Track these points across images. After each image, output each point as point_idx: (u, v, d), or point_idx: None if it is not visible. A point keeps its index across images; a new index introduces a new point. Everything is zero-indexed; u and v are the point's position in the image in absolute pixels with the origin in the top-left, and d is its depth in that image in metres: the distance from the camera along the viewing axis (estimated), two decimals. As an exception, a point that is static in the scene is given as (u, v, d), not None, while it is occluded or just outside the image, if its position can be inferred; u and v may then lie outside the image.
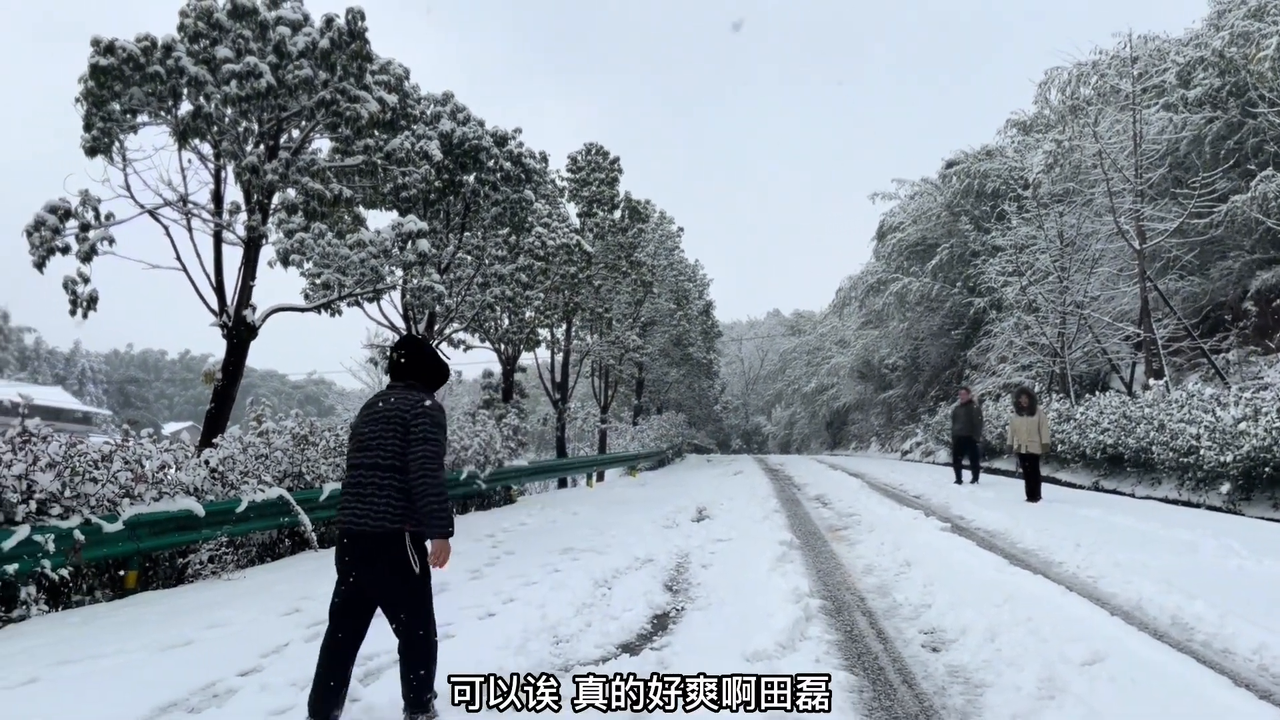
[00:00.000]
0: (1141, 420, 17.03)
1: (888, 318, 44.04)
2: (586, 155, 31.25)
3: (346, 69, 12.62)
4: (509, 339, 22.88)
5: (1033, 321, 26.47)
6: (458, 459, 15.72)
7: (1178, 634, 6.04)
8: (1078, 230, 24.56)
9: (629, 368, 38.96)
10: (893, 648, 5.93)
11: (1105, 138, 23.29)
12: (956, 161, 38.68)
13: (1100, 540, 9.53)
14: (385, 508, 4.36)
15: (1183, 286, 25.89)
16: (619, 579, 8.58)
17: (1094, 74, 28.26)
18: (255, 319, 13.15)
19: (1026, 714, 4.49)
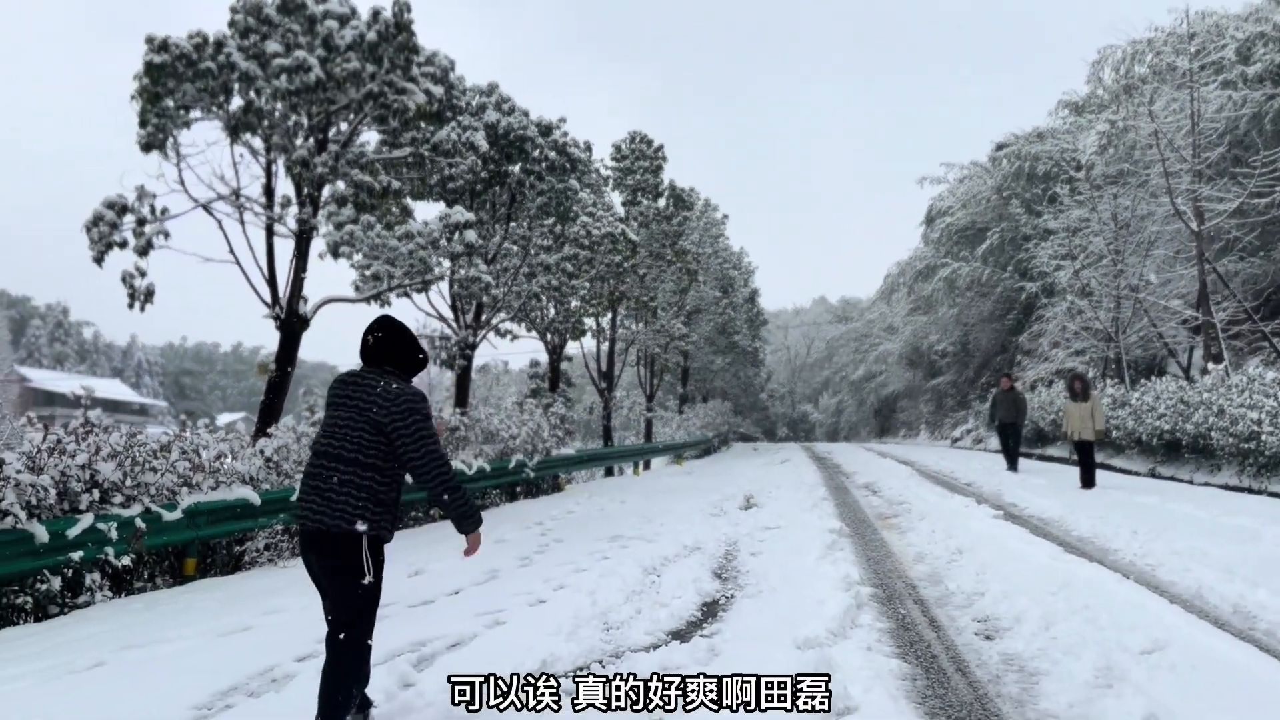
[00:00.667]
0: (1200, 405, 16.66)
1: (937, 303, 43.52)
2: (631, 144, 31.20)
3: (393, 61, 12.72)
4: (555, 328, 22.98)
5: (1086, 306, 25.99)
6: (506, 448, 15.84)
7: (1239, 623, 5.91)
8: (1133, 212, 24.03)
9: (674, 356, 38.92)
10: (945, 636, 5.88)
11: (1161, 117, 22.74)
12: (1007, 144, 38.06)
13: (1158, 528, 9.35)
14: (348, 506, 3.93)
15: (1243, 268, 25.22)
16: (668, 566, 8.59)
17: (1149, 52, 27.60)
18: (307, 310, 13.34)
19: (1084, 703, 4.43)
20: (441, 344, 17.70)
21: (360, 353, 4.30)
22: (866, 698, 4.53)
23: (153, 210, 12.26)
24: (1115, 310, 24.72)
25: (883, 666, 5.07)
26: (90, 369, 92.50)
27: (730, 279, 44.69)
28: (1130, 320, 24.65)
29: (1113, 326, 24.89)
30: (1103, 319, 25.35)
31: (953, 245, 41.03)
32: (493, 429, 15.81)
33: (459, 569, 8.94)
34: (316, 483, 4.01)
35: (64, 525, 7.39)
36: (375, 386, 4.09)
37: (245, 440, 10.80)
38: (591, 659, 5.51)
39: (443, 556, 9.67)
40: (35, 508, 7.33)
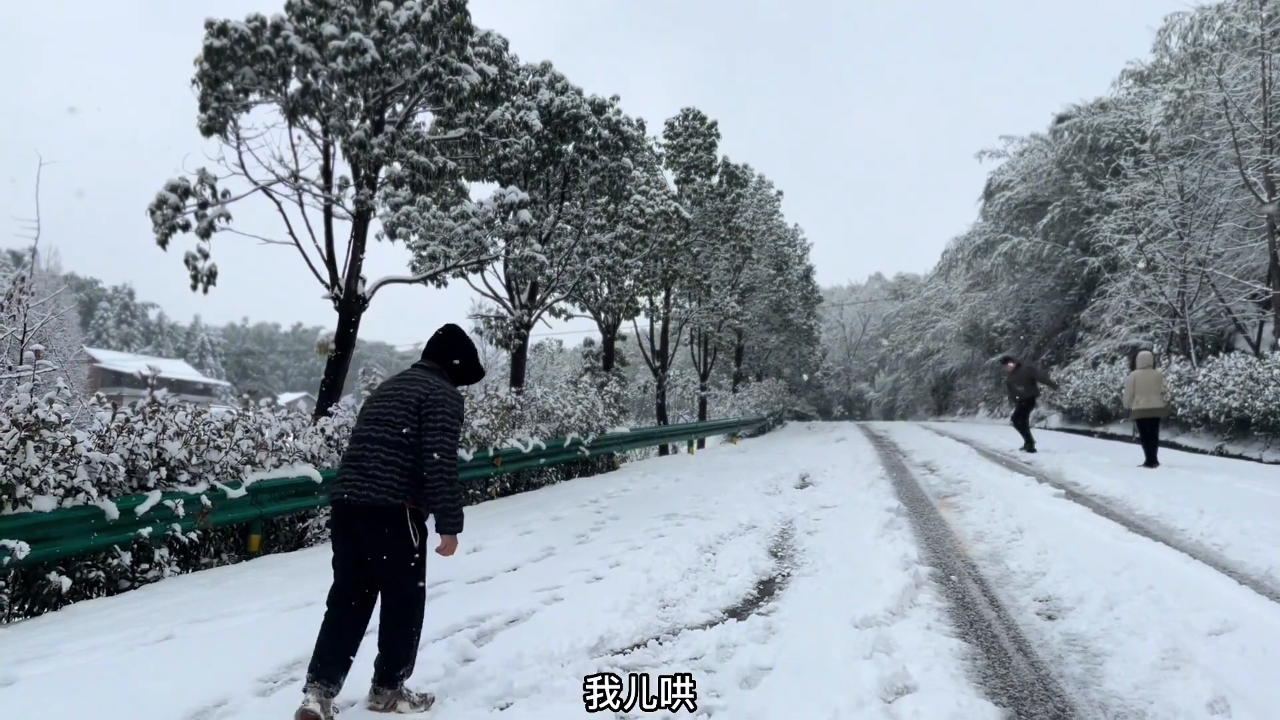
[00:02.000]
0: (1270, 382, 16.20)
1: (996, 279, 42.78)
2: (684, 121, 31.01)
3: (448, 42, 12.77)
4: (609, 307, 23.01)
5: (1151, 281, 25.36)
6: (561, 426, 15.94)
7: (1312, 607, 5.76)
8: (1200, 184, 23.36)
9: (728, 335, 38.78)
10: (1006, 615, 5.81)
11: (1231, 85, 22.01)
12: (1068, 116, 37.15)
13: (1225, 507, 9.12)
14: (389, 483, 4.24)
15: (1317, 241, 24.39)
16: (723, 544, 8.59)
17: (1219, 18, 26.69)
18: (365, 291, 13.52)
19: (1150, 684, 4.35)
20: (497, 323, 17.84)
21: (425, 348, 4.73)
22: (926, 677, 4.50)
23: (214, 193, 12.49)
24: (1181, 285, 24.10)
25: (942, 646, 5.03)
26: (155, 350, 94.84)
27: (785, 256, 44.33)
28: (1197, 295, 24.01)
29: (1178, 301, 24.27)
30: (1168, 294, 24.73)
31: (1012, 220, 40.26)
32: (548, 408, 15.91)
33: (516, 546, 9.05)
34: (359, 462, 4.32)
35: (133, 502, 7.60)
36: (421, 380, 4.47)
37: (306, 419, 11.00)
38: (648, 636, 5.54)
39: (500, 534, 9.79)
40: (105, 485, 7.55)
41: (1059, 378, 28.95)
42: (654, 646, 5.32)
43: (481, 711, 4.37)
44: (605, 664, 5.01)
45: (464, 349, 4.69)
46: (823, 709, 4.13)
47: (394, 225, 13.64)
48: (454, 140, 14.15)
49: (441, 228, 13.62)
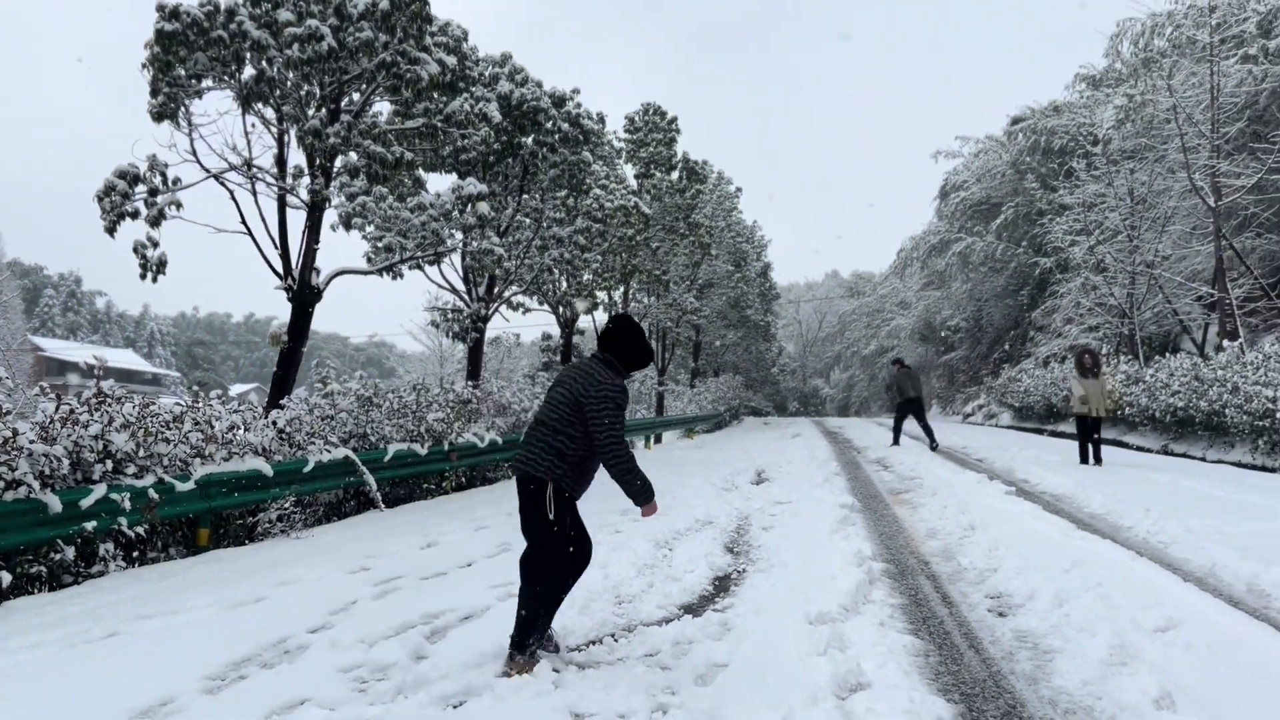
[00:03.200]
0: (1214, 382, 16.56)
1: (950, 279, 43.32)
2: (644, 115, 30.98)
3: (406, 30, 12.62)
4: (567, 301, 22.93)
5: (1101, 282, 25.82)
6: (518, 420, 15.86)
7: (1254, 601, 5.89)
8: (1149, 187, 23.82)
9: (686, 330, 38.85)
10: (958, 612, 5.87)
11: (1180, 91, 22.47)
12: (1022, 118, 37.68)
13: (1171, 505, 9.31)
14: (540, 459, 4.79)
15: (1260, 245, 24.96)
16: (679, 540, 8.60)
17: (1169, 25, 27.22)
18: (319, 282, 13.34)
19: (1098, 680, 4.41)
20: (453, 316, 17.69)
21: (598, 337, 5.26)
22: (879, 673, 4.53)
23: (165, 180, 12.24)
24: (1130, 286, 24.57)
25: (895, 642, 5.08)
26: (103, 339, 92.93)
27: (743, 253, 44.48)
28: (1145, 296, 24.50)
29: (1127, 303, 24.74)
30: (1117, 295, 25.19)
31: (967, 220, 40.77)
32: (505, 402, 15.82)
33: (472, 541, 8.98)
34: (529, 439, 4.93)
35: (77, 495, 7.43)
36: (589, 373, 4.89)
37: (258, 411, 10.83)
38: (604, 633, 5.53)
39: (455, 529, 9.72)
40: (49, 478, 7.37)
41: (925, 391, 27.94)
42: (610, 643, 5.31)
43: (435, 710, 4.33)
44: (560, 661, 4.99)
45: (619, 341, 5.01)
46: (777, 706, 4.15)
47: (349, 216, 13.47)
48: (412, 131, 13.99)
49: (398, 219, 13.47)
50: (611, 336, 5.03)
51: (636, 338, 5.04)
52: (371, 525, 10.29)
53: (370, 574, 7.51)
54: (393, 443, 12.06)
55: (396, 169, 13.04)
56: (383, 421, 12.31)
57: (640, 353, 5.05)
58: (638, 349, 5.03)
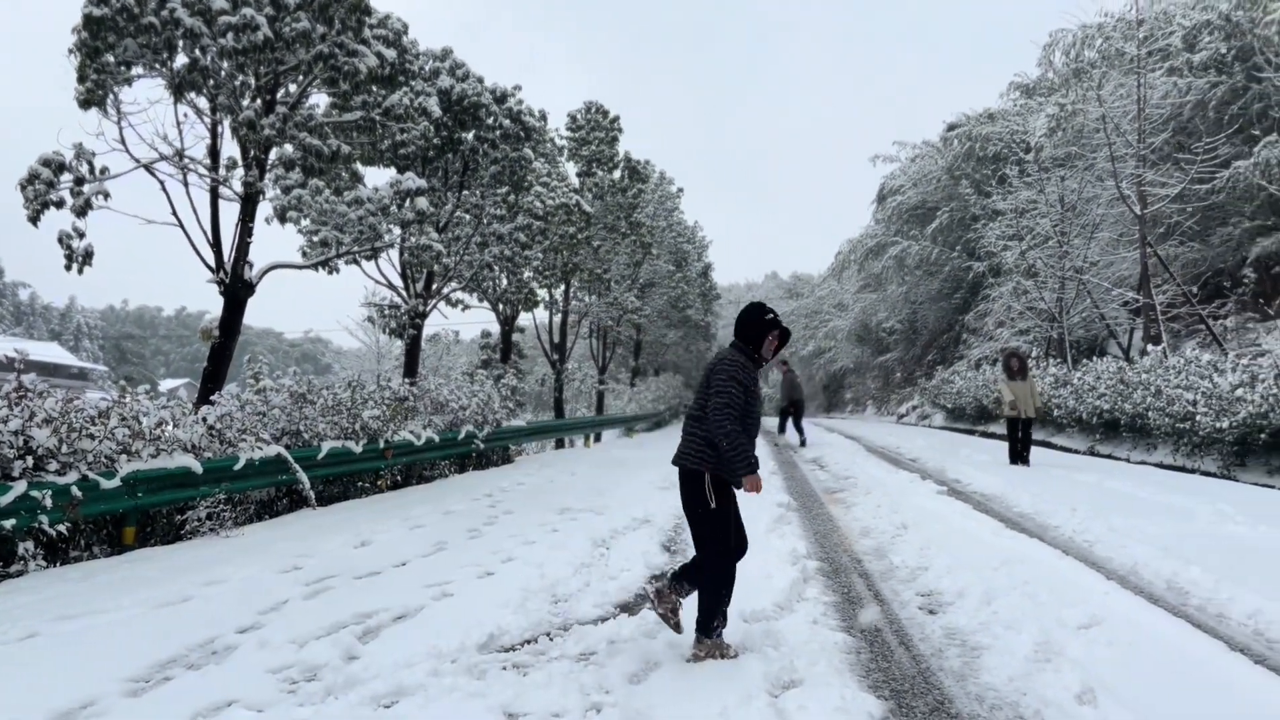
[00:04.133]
0: (1139, 386, 17.05)
1: (886, 281, 43.97)
2: (586, 114, 30.94)
3: (344, 22, 12.43)
4: (507, 299, 22.80)
5: (1031, 286, 26.42)
6: (456, 418, 15.72)
7: (1173, 599, 6.07)
8: (1079, 195, 24.44)
9: (627, 329, 38.89)
10: (890, 610, 5.96)
11: (1109, 101, 23.09)
12: (958, 124, 38.39)
13: (1096, 505, 9.56)
14: (691, 450, 4.99)
15: (1183, 252, 25.80)
16: (617, 539, 8.61)
17: (1099, 36, 27.99)
18: (252, 276, 13.08)
19: (1023, 677, 4.51)
20: (390, 313, 17.47)
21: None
22: (811, 671, 4.58)
23: (91, 169, 11.90)
24: (1059, 291, 25.16)
25: (828, 640, 5.14)
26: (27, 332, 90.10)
27: (684, 253, 44.67)
28: (1074, 301, 25.11)
29: (1057, 307, 25.33)
30: (1047, 299, 25.79)
31: (903, 224, 41.42)
32: (442, 399, 15.68)
33: (406, 540, 8.88)
34: (684, 434, 5.11)
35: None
36: (719, 356, 5.11)
37: (187, 408, 10.58)
38: (539, 632, 5.51)
39: (390, 528, 9.60)
40: (-34, 474, 7.12)
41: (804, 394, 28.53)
42: (545, 642, 5.29)
43: (366, 710, 4.28)
44: (495, 660, 4.96)
45: (742, 327, 5.15)
46: (710, 704, 4.17)
47: (284, 209, 13.21)
48: (349, 124, 13.78)
49: (335, 213, 13.27)
50: (736, 323, 5.21)
51: (747, 315, 5.17)
52: (304, 524, 10.12)
53: (302, 573, 7.38)
54: (327, 440, 11.88)
55: (333, 162, 12.85)
56: (317, 418, 12.12)
57: (749, 327, 5.11)
58: (748, 323, 5.12)
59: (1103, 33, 27.77)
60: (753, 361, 5.09)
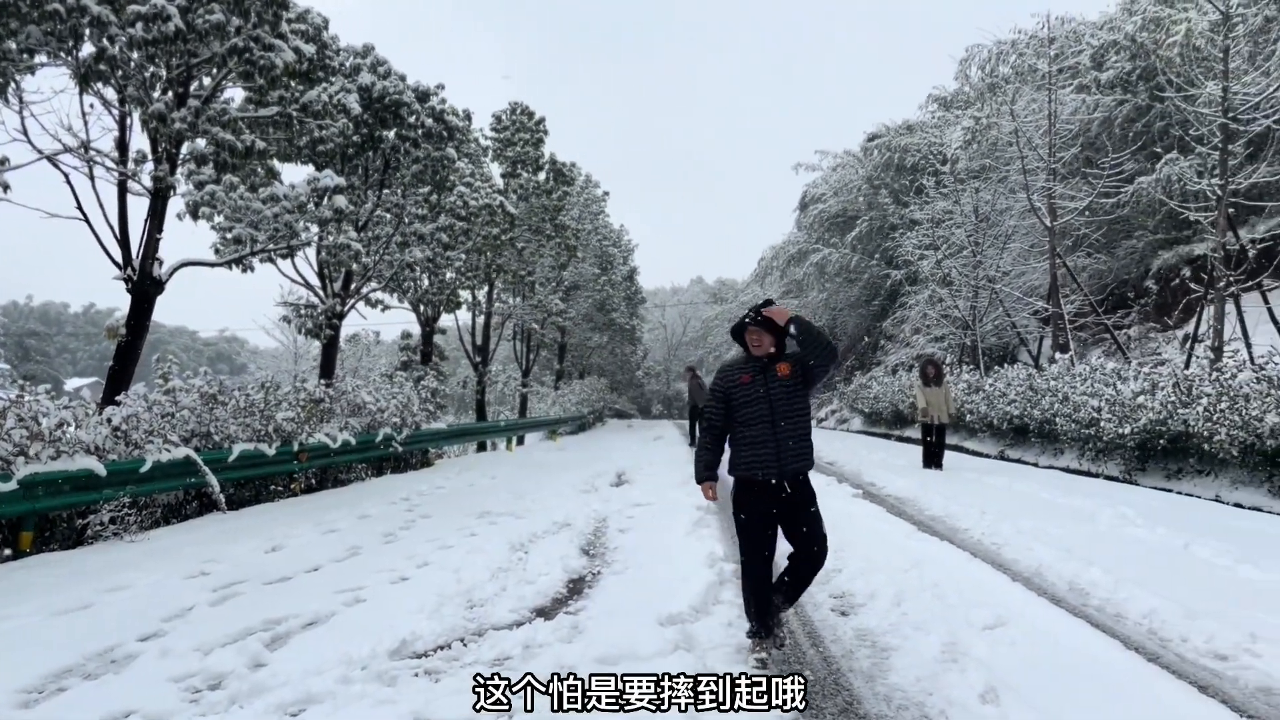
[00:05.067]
0: (1047, 392, 17.57)
1: (808, 287, 44.58)
2: (511, 114, 30.76)
3: (260, 15, 12.14)
4: (428, 300, 22.52)
5: (946, 294, 27.05)
6: (374, 421, 15.47)
7: (1075, 599, 6.26)
8: (992, 206, 25.12)
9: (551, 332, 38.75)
10: (803, 612, 6.03)
11: (1021, 116, 23.80)
12: (878, 135, 39.13)
13: (1004, 508, 9.83)
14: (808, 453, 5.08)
15: (1090, 264, 26.73)
16: (536, 543, 8.56)
17: (1013, 53, 28.80)
18: (161, 273, 12.69)
19: (930, 677, 4.61)
20: (307, 312, 17.12)
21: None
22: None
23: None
24: (973, 299, 25.81)
25: (742, 643, 5.18)
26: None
27: (609, 256, 44.69)
28: (986, 309, 25.79)
29: (970, 315, 25.99)
30: (961, 307, 26.43)
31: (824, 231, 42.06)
32: (360, 401, 15.41)
33: (319, 545, 8.71)
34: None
35: (-119, 496, 6.85)
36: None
37: (91, 408, 10.21)
38: (453, 637, 5.45)
39: (303, 533, 9.40)
40: None
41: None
42: (458, 648, 5.24)
43: (272, 718, 4.18)
44: (407, 667, 4.89)
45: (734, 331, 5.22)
46: (624, 708, 4.16)
47: (197, 205, 12.85)
48: (265, 119, 13.46)
49: (249, 210, 12.94)
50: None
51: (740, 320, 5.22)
52: (213, 528, 9.85)
53: (209, 579, 7.19)
54: (238, 442, 11.58)
55: (247, 158, 12.54)
56: (228, 420, 11.81)
57: (735, 331, 5.16)
58: (734, 328, 5.18)
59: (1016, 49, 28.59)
60: (752, 360, 5.04)
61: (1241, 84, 17.33)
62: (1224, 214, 16.99)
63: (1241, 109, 16.97)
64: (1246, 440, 11.58)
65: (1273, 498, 11.24)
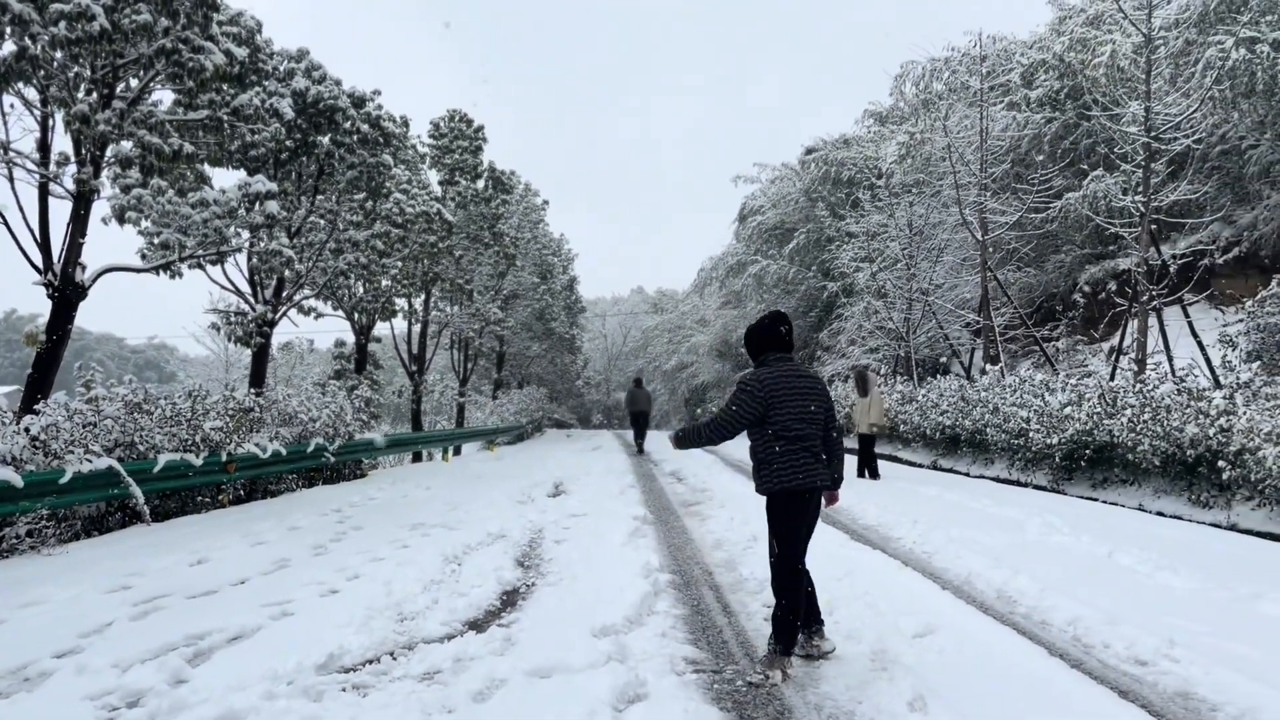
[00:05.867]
0: (978, 403, 17.91)
1: (746, 298, 44.87)
2: (450, 122, 30.55)
3: (190, 17, 11.88)
4: (363, 308, 22.21)
5: (881, 307, 27.44)
6: (305, 430, 15.19)
7: (1002, 607, 6.37)
8: (926, 220, 25.56)
9: (490, 341, 38.46)
10: (737, 621, 6.05)
11: (954, 132, 24.28)
12: (816, 149, 39.58)
13: (936, 517, 9.98)
14: (823, 468, 5.23)
15: (1020, 277, 27.35)
16: (470, 555, 8.48)
17: (946, 70, 29.40)
18: (85, 279, 12.32)
19: (860, 685, 4.65)
20: (237, 320, 16.76)
21: (771, 341, 5.54)
22: (658, 684, 4.62)
23: (-97, 159, 10.98)
24: (907, 311, 26.23)
25: (675, 653, 5.18)
26: None
27: (549, 265, 44.54)
28: (920, 321, 26.22)
29: (904, 326, 26.40)
30: (895, 319, 26.84)
31: (763, 243, 42.40)
32: (291, 411, 15.13)
33: (247, 557, 8.51)
34: (816, 453, 5.13)
35: None
36: (816, 377, 5.32)
37: (9, 417, 9.87)
38: (383, 651, 5.37)
39: (230, 545, 9.18)
40: None
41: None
42: (387, 662, 5.16)
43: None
44: (334, 681, 4.80)
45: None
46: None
47: (123, 209, 12.50)
48: (195, 122, 13.17)
49: (178, 215, 12.64)
50: (791, 333, 5.56)
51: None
52: (137, 540, 9.57)
53: (131, 593, 6.98)
54: (164, 453, 11.28)
55: (175, 162, 12.24)
56: (153, 430, 11.50)
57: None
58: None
59: (950, 66, 29.19)
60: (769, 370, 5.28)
61: (1163, 104, 17.91)
62: (1147, 230, 17.51)
63: (1163, 128, 17.52)
64: (1168, 450, 11.92)
65: (1192, 506, 11.58)
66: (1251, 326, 16.35)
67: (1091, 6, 26.58)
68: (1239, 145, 19.89)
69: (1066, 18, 27.97)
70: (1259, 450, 10.07)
